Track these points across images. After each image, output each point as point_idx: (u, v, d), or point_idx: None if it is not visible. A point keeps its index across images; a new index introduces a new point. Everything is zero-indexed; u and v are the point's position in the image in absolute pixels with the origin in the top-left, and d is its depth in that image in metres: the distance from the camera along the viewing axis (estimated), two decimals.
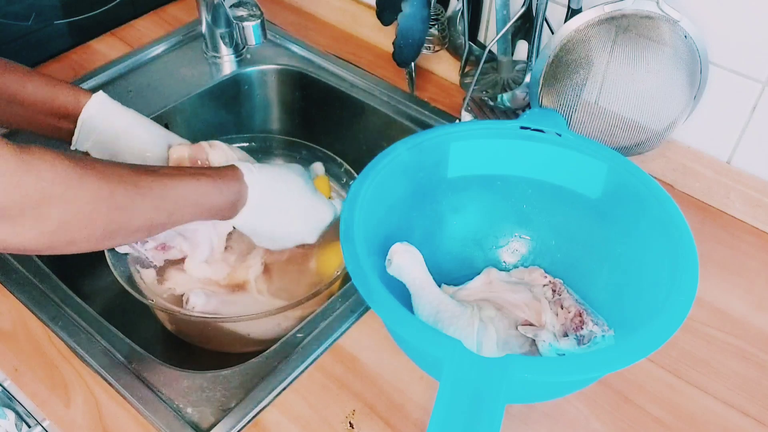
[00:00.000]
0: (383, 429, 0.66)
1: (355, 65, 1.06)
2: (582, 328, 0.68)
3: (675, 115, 0.84)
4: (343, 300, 0.76)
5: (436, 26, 1.00)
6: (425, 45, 0.99)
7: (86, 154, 0.79)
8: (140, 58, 1.06)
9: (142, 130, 0.80)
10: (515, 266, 0.78)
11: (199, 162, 0.80)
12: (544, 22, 0.86)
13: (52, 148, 0.56)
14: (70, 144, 0.78)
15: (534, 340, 0.68)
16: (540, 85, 0.84)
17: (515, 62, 0.96)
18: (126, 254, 0.79)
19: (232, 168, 0.70)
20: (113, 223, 0.60)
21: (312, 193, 0.77)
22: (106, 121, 0.77)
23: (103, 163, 0.60)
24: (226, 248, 0.81)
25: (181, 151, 0.79)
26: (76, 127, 0.77)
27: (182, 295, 0.80)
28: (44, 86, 0.75)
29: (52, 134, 0.78)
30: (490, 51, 0.89)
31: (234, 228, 0.74)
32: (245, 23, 0.85)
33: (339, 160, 0.93)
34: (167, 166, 0.67)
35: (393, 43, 0.93)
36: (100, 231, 0.59)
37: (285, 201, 0.74)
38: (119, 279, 0.77)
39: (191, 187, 0.65)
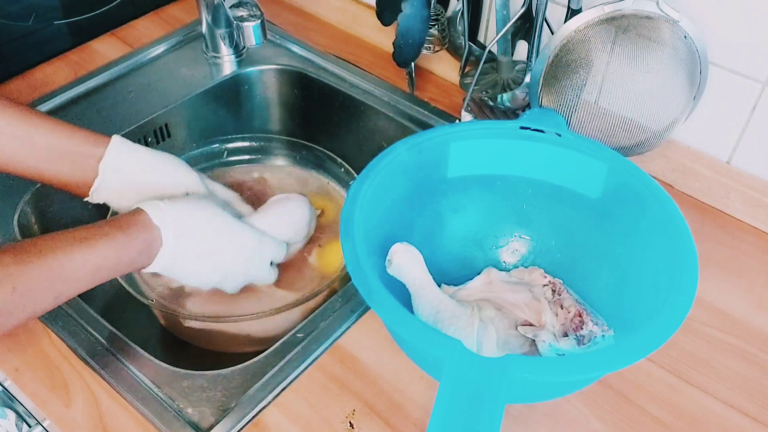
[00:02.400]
0: (383, 429, 0.66)
1: (355, 65, 1.06)
2: (582, 328, 0.68)
3: (675, 115, 0.84)
4: (343, 300, 0.76)
5: (436, 26, 1.00)
6: (425, 45, 0.99)
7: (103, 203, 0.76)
8: (140, 59, 1.06)
9: (169, 165, 0.75)
10: (515, 266, 0.78)
11: None
12: (544, 23, 0.87)
13: None
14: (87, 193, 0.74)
15: (534, 340, 0.68)
16: (540, 85, 0.84)
17: (515, 62, 0.96)
18: None
19: (137, 213, 0.65)
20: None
21: (230, 220, 0.71)
22: (130, 167, 0.73)
23: None
24: None
25: None
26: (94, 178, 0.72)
27: (179, 288, 0.80)
28: (69, 133, 0.71)
29: (68, 187, 0.73)
30: (490, 51, 0.89)
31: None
32: (245, 23, 0.85)
33: (339, 160, 0.94)
34: (56, 239, 0.60)
35: (393, 44, 0.93)
36: None
37: (203, 233, 0.68)
38: (119, 278, 0.77)
39: (86, 261, 0.60)
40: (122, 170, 0.73)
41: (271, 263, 0.76)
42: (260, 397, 0.68)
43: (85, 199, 0.74)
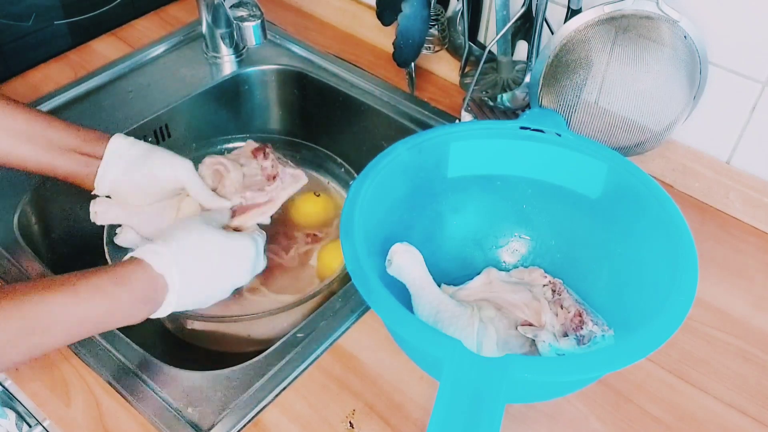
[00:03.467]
0: (383, 429, 0.66)
1: (355, 65, 1.06)
2: (582, 328, 0.68)
3: (675, 115, 0.84)
4: (343, 300, 0.76)
5: (436, 26, 1.00)
6: (425, 45, 0.99)
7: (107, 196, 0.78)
8: (140, 59, 1.06)
9: (165, 160, 0.77)
10: (515, 266, 0.78)
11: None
12: (544, 23, 0.87)
13: None
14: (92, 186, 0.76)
15: (534, 340, 0.68)
16: (540, 86, 0.84)
17: (515, 62, 0.96)
18: (128, 249, 0.79)
19: (134, 264, 0.63)
20: None
21: (226, 238, 0.70)
22: (129, 163, 0.75)
23: None
24: None
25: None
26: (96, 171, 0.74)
27: None
28: (73, 135, 0.74)
29: (72, 179, 0.75)
30: (490, 51, 0.89)
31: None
32: (245, 23, 0.84)
33: (339, 160, 0.94)
34: (40, 286, 0.57)
35: (393, 44, 0.93)
36: None
37: (208, 262, 0.67)
38: None
39: (74, 309, 0.58)
40: (123, 157, 0.74)
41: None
42: (260, 397, 0.68)
43: (93, 192, 0.76)
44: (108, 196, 0.78)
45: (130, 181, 0.75)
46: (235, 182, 0.80)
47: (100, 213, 0.78)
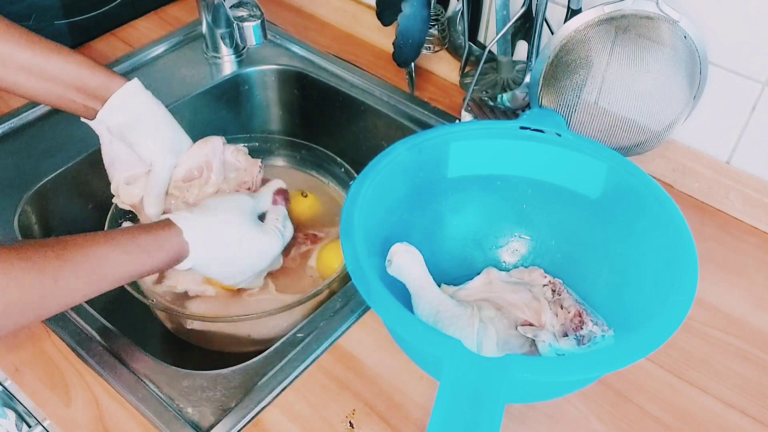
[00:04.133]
0: (383, 429, 0.66)
1: (355, 65, 1.06)
2: (582, 328, 0.68)
3: (675, 115, 0.84)
4: (343, 300, 0.76)
5: (436, 26, 1.00)
6: (425, 45, 0.99)
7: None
8: (140, 59, 1.06)
9: (159, 132, 0.79)
10: (515, 266, 0.78)
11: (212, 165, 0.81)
12: (544, 23, 0.87)
13: None
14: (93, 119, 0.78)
15: (534, 340, 0.68)
16: (540, 86, 0.84)
17: (515, 62, 0.96)
18: None
19: (168, 226, 0.69)
20: (25, 317, 0.59)
21: (252, 226, 0.75)
22: (128, 114, 0.77)
23: (19, 258, 0.58)
24: None
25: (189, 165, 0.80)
26: (101, 109, 0.77)
27: (183, 293, 0.80)
28: (77, 67, 0.75)
29: (77, 112, 0.77)
30: (490, 51, 0.89)
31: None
32: (245, 23, 0.84)
33: (339, 160, 0.94)
34: (96, 238, 0.64)
35: (393, 44, 0.93)
36: (11, 323, 0.59)
37: (229, 244, 0.72)
38: None
39: (120, 263, 0.64)
40: (122, 113, 0.77)
41: None
42: (260, 396, 0.68)
43: (89, 122, 0.78)
44: None
45: (128, 129, 0.77)
46: (213, 185, 0.81)
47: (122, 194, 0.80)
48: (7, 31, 0.73)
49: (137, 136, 0.77)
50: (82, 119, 0.78)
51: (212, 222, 0.72)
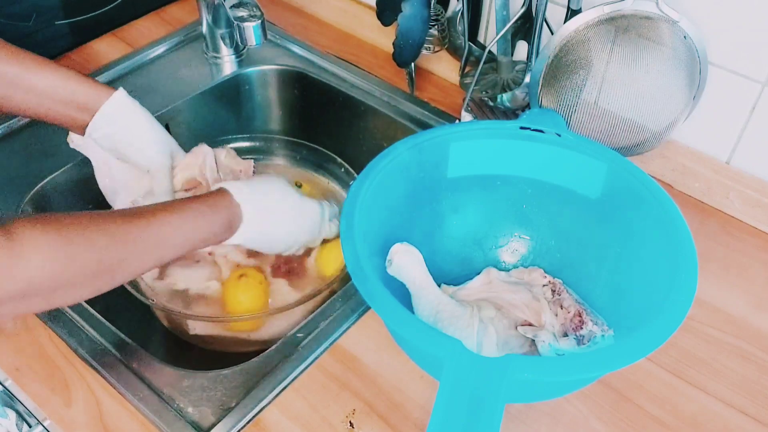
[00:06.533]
0: (383, 428, 0.66)
1: (356, 66, 1.06)
2: (581, 328, 0.68)
3: (674, 115, 0.84)
4: (343, 300, 0.76)
5: (436, 27, 1.00)
6: (425, 45, 0.99)
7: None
8: (141, 59, 1.06)
9: (151, 136, 0.81)
10: (515, 266, 0.78)
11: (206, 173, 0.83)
12: (544, 23, 0.87)
13: (35, 222, 0.56)
14: (82, 132, 0.79)
15: (534, 340, 0.68)
16: (540, 86, 0.84)
17: (515, 62, 0.96)
18: None
19: (220, 193, 0.71)
20: (103, 281, 0.61)
21: (297, 195, 0.78)
22: (120, 122, 0.78)
23: (91, 223, 0.60)
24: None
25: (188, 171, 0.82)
26: (90, 120, 0.78)
27: (184, 291, 0.80)
28: (65, 80, 0.76)
29: (65, 124, 0.78)
30: (489, 51, 0.89)
31: None
32: (245, 24, 0.84)
33: (339, 160, 0.94)
34: (156, 207, 0.67)
35: (393, 44, 0.93)
36: (88, 291, 0.60)
37: (277, 209, 0.75)
38: None
39: (181, 228, 0.66)
40: (112, 123, 0.78)
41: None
42: (260, 396, 0.68)
43: (79, 144, 0.80)
44: None
45: (117, 141, 0.79)
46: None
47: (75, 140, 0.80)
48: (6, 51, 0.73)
49: (131, 142, 0.79)
50: (72, 145, 0.80)
51: (261, 187, 0.75)
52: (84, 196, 0.92)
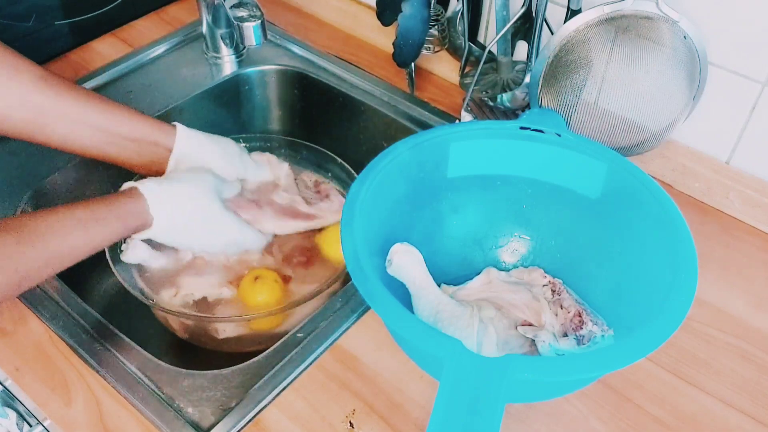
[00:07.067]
0: (383, 428, 0.66)
1: (355, 66, 1.06)
2: (581, 328, 0.68)
3: (674, 115, 0.84)
4: (343, 300, 0.76)
5: (436, 27, 1.00)
6: (425, 45, 0.99)
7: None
8: (141, 59, 1.06)
9: (224, 146, 0.84)
10: (515, 266, 0.78)
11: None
12: (544, 23, 0.87)
13: None
14: (151, 172, 0.80)
15: (534, 340, 0.68)
16: (540, 86, 0.84)
17: (515, 62, 0.96)
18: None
19: (134, 198, 0.71)
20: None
21: (216, 208, 0.77)
22: (195, 156, 0.81)
23: None
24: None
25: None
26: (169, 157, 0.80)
27: (203, 299, 0.80)
28: (137, 121, 0.78)
29: (135, 164, 0.80)
30: (489, 51, 0.89)
31: None
32: (245, 23, 0.84)
33: (339, 160, 0.94)
34: (57, 214, 0.66)
35: (393, 44, 0.93)
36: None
37: (189, 222, 0.75)
38: (120, 279, 0.77)
39: (83, 240, 0.67)
40: (189, 155, 0.80)
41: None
42: (260, 396, 0.68)
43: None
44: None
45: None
46: (286, 177, 0.86)
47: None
48: (77, 93, 0.76)
49: (213, 166, 0.81)
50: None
51: (181, 195, 0.74)
52: (84, 196, 0.92)
